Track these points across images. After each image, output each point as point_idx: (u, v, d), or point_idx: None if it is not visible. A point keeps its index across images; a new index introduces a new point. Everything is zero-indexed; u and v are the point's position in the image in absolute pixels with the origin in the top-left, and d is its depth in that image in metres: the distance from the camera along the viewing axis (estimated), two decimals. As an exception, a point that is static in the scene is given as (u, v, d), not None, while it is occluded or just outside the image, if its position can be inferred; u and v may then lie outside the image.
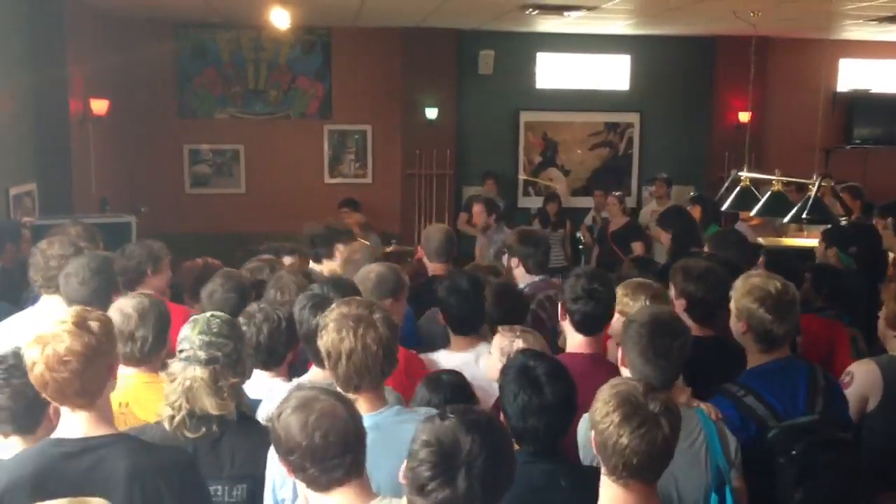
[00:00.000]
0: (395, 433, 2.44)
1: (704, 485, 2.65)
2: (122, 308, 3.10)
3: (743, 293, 3.16)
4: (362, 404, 2.60)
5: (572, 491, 2.37)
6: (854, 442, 3.10)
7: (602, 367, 3.07)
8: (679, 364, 2.77)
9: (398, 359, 2.76)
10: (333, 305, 2.75)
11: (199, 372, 2.64)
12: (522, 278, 4.63)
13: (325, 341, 2.63)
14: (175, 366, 2.67)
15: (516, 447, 2.68)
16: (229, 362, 2.70)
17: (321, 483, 2.13)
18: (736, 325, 3.17)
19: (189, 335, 2.70)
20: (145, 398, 2.93)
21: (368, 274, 3.86)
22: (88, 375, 2.28)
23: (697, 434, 2.69)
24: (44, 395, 2.32)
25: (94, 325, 2.32)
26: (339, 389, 2.48)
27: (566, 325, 3.37)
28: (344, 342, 2.59)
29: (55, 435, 2.36)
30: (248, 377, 2.96)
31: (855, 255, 5.35)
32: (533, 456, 2.61)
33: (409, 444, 2.09)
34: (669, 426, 2.18)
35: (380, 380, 2.67)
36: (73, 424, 2.34)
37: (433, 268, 4.90)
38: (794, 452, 2.78)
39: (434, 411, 2.64)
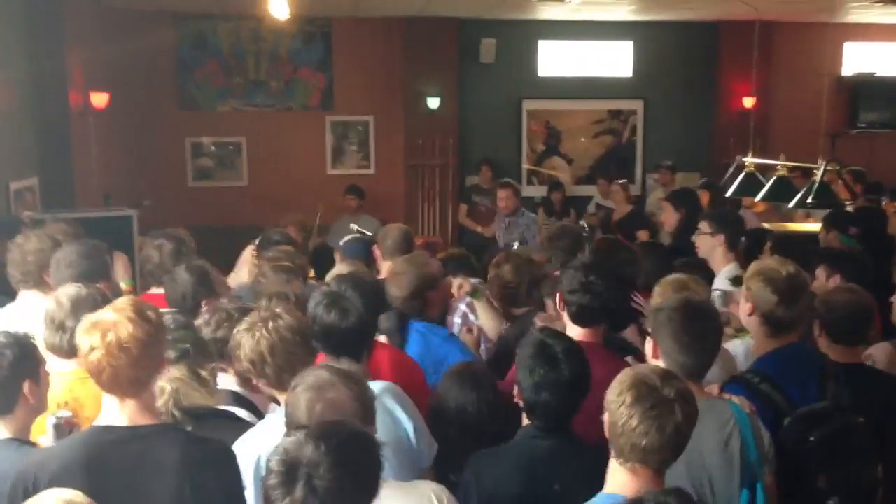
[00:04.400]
0: None
1: (737, 480, 2.62)
2: (58, 296, 3.07)
3: (753, 274, 3.16)
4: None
5: (574, 474, 2.37)
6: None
7: (596, 355, 3.01)
8: (714, 349, 2.74)
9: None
10: (241, 325, 2.81)
11: (176, 372, 2.64)
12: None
13: (244, 352, 2.71)
14: None
15: (526, 422, 2.70)
16: (198, 350, 2.77)
17: None
18: (744, 307, 3.17)
19: None
20: (84, 396, 2.86)
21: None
22: (143, 364, 2.32)
23: (731, 428, 2.65)
24: (96, 382, 2.35)
25: (151, 314, 2.37)
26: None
27: (564, 316, 3.39)
28: (261, 342, 2.68)
29: (101, 422, 2.39)
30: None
31: (858, 237, 5.31)
32: (541, 431, 2.69)
33: None
34: (683, 414, 2.16)
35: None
36: (120, 412, 2.36)
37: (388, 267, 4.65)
38: (811, 439, 2.75)
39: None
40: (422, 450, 2.86)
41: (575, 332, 3.29)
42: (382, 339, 3.53)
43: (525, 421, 2.76)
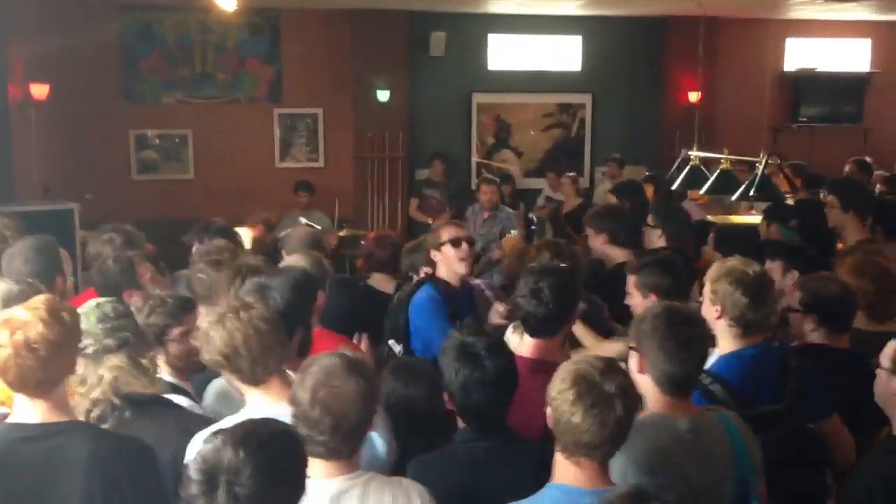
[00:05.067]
0: None
1: (729, 495, 2.57)
2: None
3: (718, 276, 3.07)
4: (274, 390, 2.64)
5: (515, 472, 2.38)
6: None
7: (540, 375, 2.74)
8: (702, 357, 2.62)
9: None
10: (208, 316, 2.75)
11: (116, 360, 2.59)
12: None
13: (217, 346, 2.62)
14: (84, 367, 2.58)
15: (461, 425, 2.70)
16: (138, 339, 2.70)
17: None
18: (709, 311, 3.06)
19: (89, 328, 2.62)
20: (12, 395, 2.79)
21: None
22: (52, 366, 2.26)
23: (725, 443, 2.57)
24: (2, 379, 2.28)
25: (65, 315, 2.30)
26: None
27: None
28: (235, 334, 2.61)
29: (12, 419, 2.34)
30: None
31: (797, 230, 5.42)
32: (477, 433, 2.65)
33: None
34: (624, 408, 2.18)
35: (282, 362, 2.70)
36: (31, 410, 2.31)
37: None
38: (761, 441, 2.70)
39: None
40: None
41: (526, 342, 3.16)
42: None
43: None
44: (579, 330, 3.89)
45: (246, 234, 6.48)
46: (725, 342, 3.06)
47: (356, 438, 2.29)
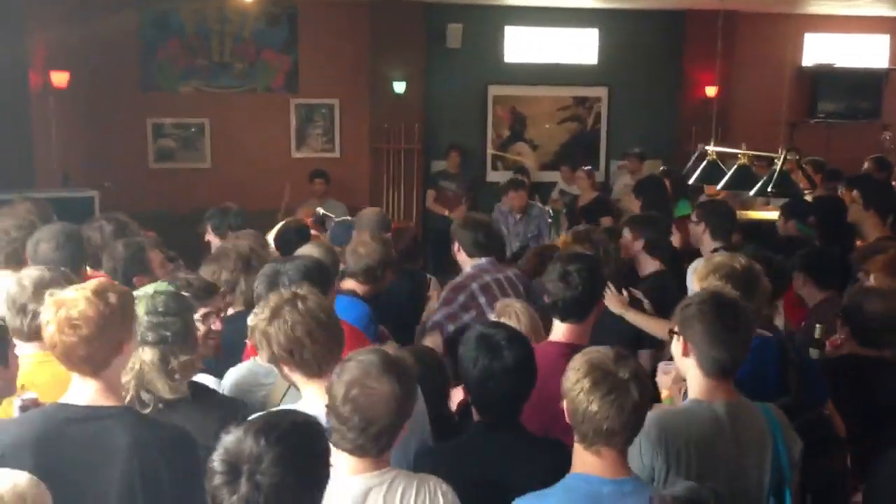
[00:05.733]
0: None
1: (767, 485, 2.59)
2: (21, 279, 3.03)
3: (707, 272, 3.12)
4: (318, 390, 2.56)
5: (527, 468, 2.39)
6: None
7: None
8: (747, 343, 2.64)
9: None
10: (262, 313, 2.67)
11: (147, 355, 2.61)
12: (465, 262, 4.54)
13: (280, 341, 2.58)
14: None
15: (476, 418, 2.70)
16: (178, 339, 2.66)
17: (333, 440, 2.20)
18: None
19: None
20: (40, 379, 2.82)
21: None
22: (95, 345, 2.29)
23: (765, 434, 2.60)
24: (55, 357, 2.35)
25: (112, 296, 2.33)
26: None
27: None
28: (296, 328, 2.57)
29: (62, 399, 2.38)
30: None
31: (815, 226, 5.41)
32: (492, 427, 2.65)
33: None
34: (639, 392, 2.22)
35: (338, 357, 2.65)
36: (81, 391, 2.36)
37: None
38: None
39: None
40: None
41: (558, 328, 3.20)
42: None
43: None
44: (632, 316, 3.90)
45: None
46: None
47: (386, 440, 2.26)
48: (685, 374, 2.61)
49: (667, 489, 2.11)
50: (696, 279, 3.16)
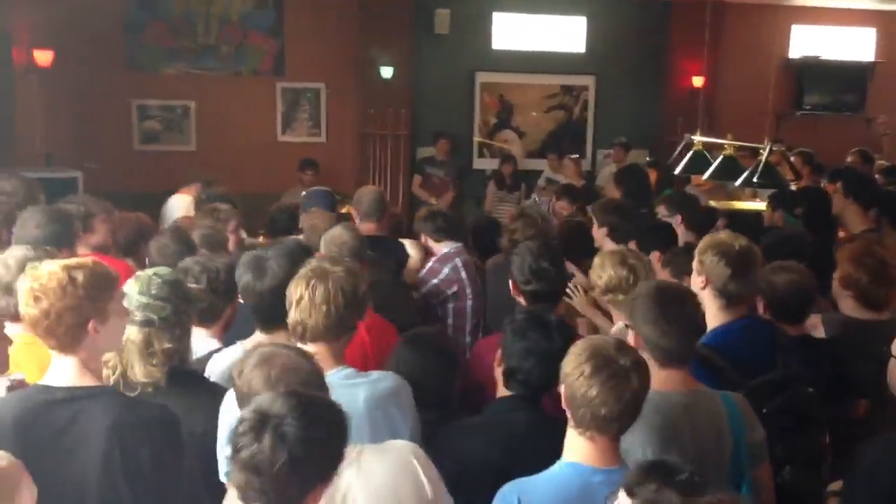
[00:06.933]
0: (342, 395, 2.45)
1: (726, 475, 2.62)
2: (5, 259, 3.02)
3: (706, 247, 3.20)
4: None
5: (549, 446, 2.40)
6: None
7: None
8: (695, 332, 2.70)
9: (355, 325, 2.77)
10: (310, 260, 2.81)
11: (132, 334, 2.60)
12: (437, 248, 4.90)
13: (289, 288, 2.71)
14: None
15: (505, 394, 2.75)
16: (166, 325, 2.64)
17: None
18: (696, 280, 3.21)
19: (129, 293, 2.63)
20: (24, 360, 2.82)
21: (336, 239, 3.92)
22: (54, 318, 2.26)
23: (723, 422, 2.64)
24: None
25: (78, 275, 2.29)
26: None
27: (520, 301, 3.45)
28: (297, 289, 2.66)
29: (43, 382, 2.36)
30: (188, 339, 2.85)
31: (802, 217, 5.45)
32: (519, 402, 2.72)
33: (356, 406, 2.29)
34: (639, 382, 2.23)
35: (326, 337, 2.68)
36: (60, 371, 2.35)
37: (364, 228, 4.81)
38: (764, 410, 2.79)
39: (389, 375, 2.70)
40: None
41: None
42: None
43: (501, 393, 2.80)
44: (592, 314, 4.04)
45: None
46: (710, 314, 3.15)
47: None
48: None
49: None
50: (696, 252, 3.24)
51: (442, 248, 4.88)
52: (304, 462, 1.84)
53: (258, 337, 3.08)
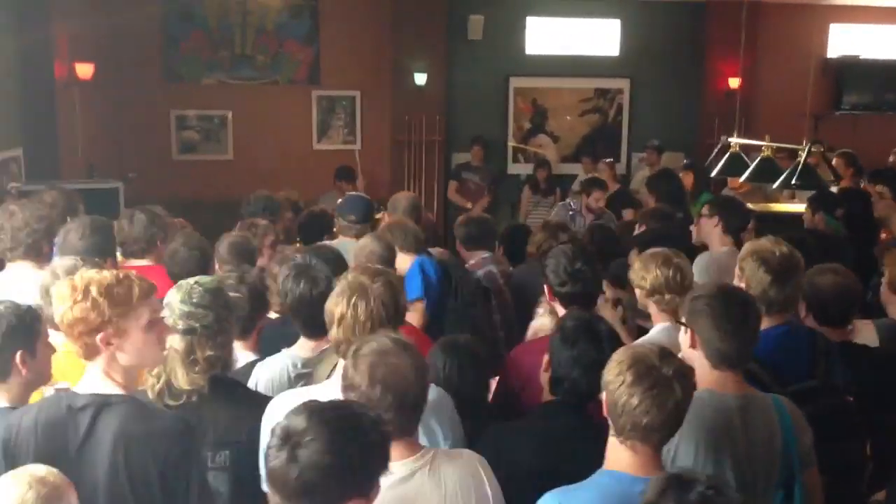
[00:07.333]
0: None
1: (775, 479, 2.60)
2: (54, 268, 3.08)
3: (747, 254, 3.17)
4: None
5: (591, 451, 2.39)
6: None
7: None
8: (755, 336, 2.67)
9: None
10: (348, 272, 2.81)
11: (175, 342, 2.62)
12: (465, 255, 4.99)
13: (328, 305, 2.71)
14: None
15: (549, 398, 2.78)
16: (208, 333, 2.66)
17: None
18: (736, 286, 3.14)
19: (171, 302, 2.67)
20: (67, 368, 2.84)
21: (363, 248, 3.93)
22: (67, 329, 2.33)
23: (775, 426, 2.61)
24: None
25: (92, 287, 2.31)
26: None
27: (556, 306, 3.44)
28: (338, 307, 2.66)
29: (75, 387, 2.42)
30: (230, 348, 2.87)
31: (844, 219, 5.37)
32: (561, 407, 2.74)
33: None
34: (682, 391, 2.19)
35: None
36: (88, 378, 2.38)
37: None
38: None
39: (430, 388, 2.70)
40: None
41: None
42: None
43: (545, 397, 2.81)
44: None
45: None
46: None
47: (418, 413, 2.31)
48: (692, 365, 2.59)
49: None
50: (739, 257, 3.21)
51: (470, 257, 4.94)
52: (315, 486, 1.84)
53: (306, 343, 3.14)
